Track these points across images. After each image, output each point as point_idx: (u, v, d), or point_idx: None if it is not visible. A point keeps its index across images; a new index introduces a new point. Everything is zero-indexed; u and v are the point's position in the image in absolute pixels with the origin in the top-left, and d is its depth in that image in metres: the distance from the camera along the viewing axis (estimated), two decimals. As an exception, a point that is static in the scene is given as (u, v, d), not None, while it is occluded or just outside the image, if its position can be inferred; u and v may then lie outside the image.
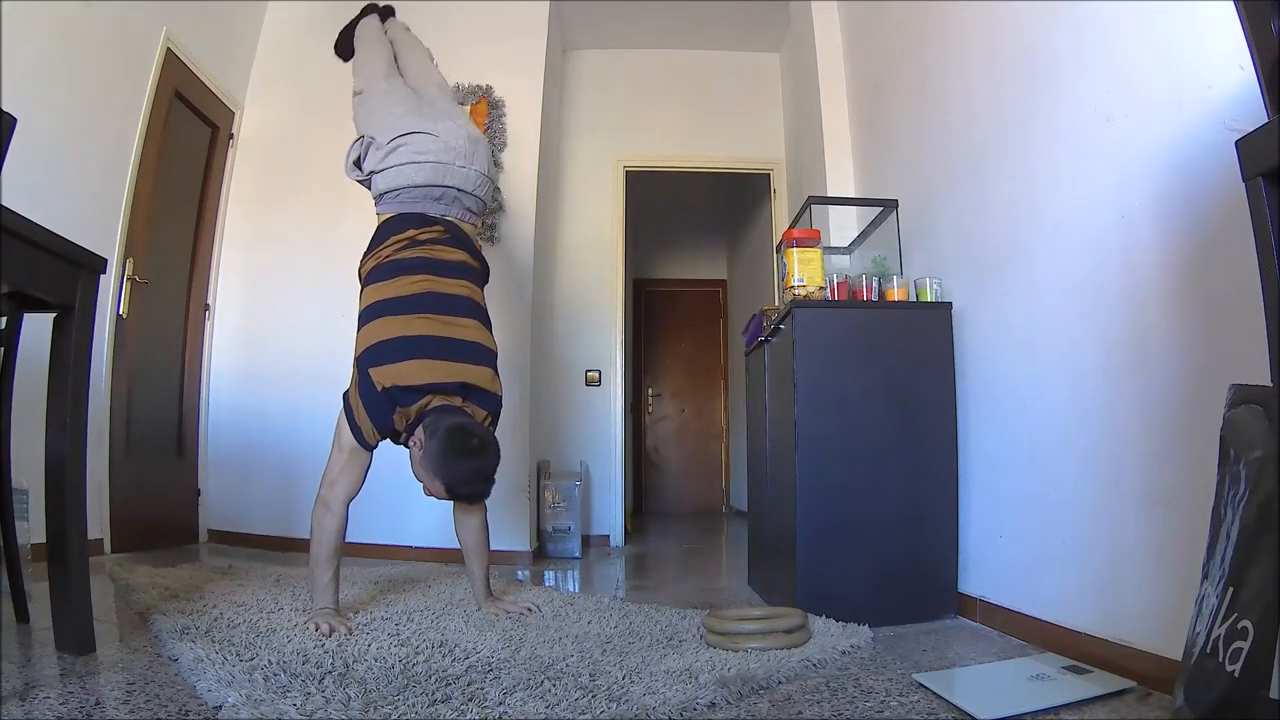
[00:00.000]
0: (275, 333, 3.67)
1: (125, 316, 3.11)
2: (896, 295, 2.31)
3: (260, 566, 2.74)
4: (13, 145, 1.32)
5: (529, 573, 3.13)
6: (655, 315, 7.20)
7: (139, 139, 3.11)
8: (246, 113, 3.87)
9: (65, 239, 1.41)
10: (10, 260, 1.28)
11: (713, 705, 1.29)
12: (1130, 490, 1.50)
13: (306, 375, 3.46)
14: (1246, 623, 0.77)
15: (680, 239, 7.17)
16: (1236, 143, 0.86)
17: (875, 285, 2.37)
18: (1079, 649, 1.58)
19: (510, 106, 3.74)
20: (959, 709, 1.26)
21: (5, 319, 1.59)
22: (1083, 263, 1.67)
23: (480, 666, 1.46)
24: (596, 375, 4.38)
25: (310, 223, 3.69)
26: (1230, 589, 0.82)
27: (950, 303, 2.24)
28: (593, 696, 1.27)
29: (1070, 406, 1.71)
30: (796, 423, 2.11)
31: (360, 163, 2.16)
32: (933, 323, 2.21)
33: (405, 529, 3.29)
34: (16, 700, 1.17)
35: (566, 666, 1.47)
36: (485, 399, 1.96)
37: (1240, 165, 0.85)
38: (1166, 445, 1.41)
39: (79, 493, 1.47)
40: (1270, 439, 0.82)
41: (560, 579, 3.04)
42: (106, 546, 2.93)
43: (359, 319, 1.96)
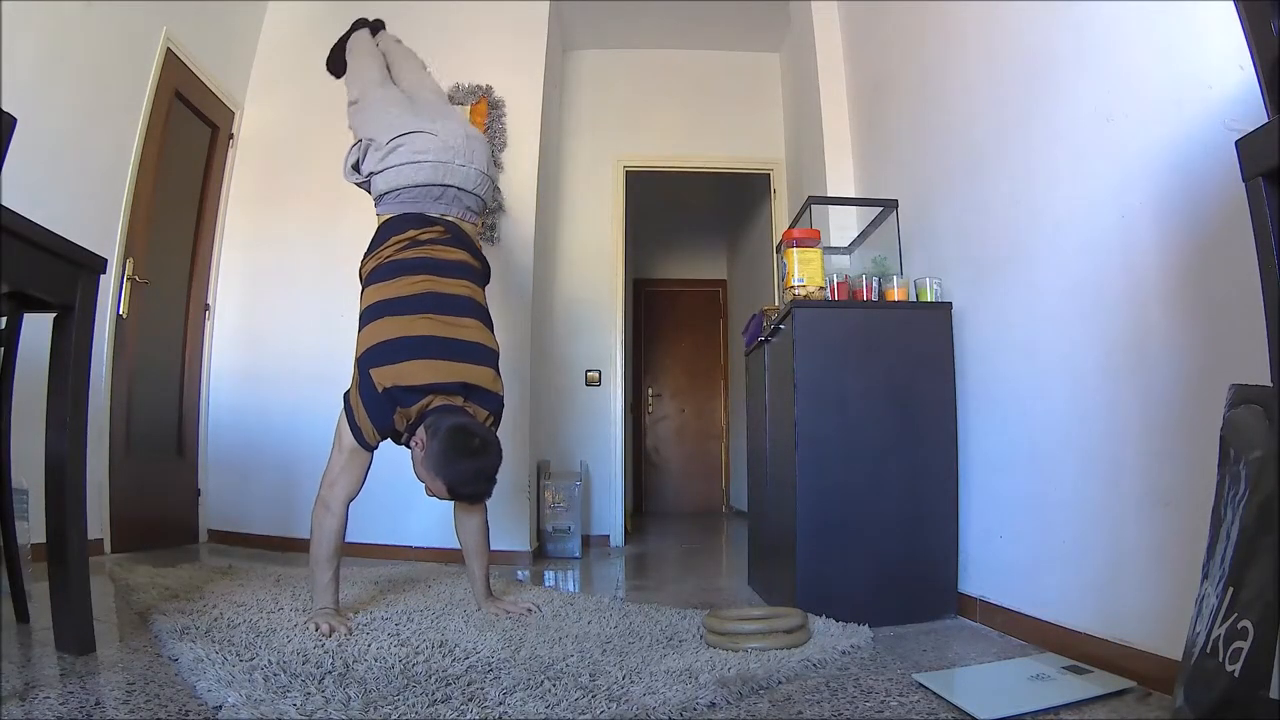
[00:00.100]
0: (275, 333, 3.67)
1: (125, 316, 3.11)
2: (896, 295, 2.31)
3: (260, 566, 2.74)
4: (13, 145, 1.32)
5: (529, 573, 3.13)
6: (655, 315, 7.20)
7: (139, 139, 3.11)
8: (246, 113, 3.87)
9: (65, 239, 1.41)
10: (10, 260, 1.28)
11: (713, 705, 1.29)
12: (1130, 490, 1.50)
13: (306, 375, 3.46)
14: (1246, 623, 0.77)
15: (680, 239, 7.16)
16: (1236, 143, 0.86)
17: (875, 285, 2.37)
18: (1079, 649, 1.58)
19: (510, 106, 3.75)
20: (959, 709, 1.26)
21: (5, 319, 1.59)
22: (1083, 263, 1.67)
23: (480, 666, 1.46)
24: (596, 375, 4.38)
25: (310, 223, 3.69)
26: (1230, 589, 0.82)
27: (950, 303, 2.24)
28: (593, 696, 1.27)
29: (1070, 406, 1.71)
30: (796, 423, 2.11)
31: (359, 165, 2.16)
32: (933, 323, 2.21)
33: (405, 529, 3.29)
34: (16, 700, 1.17)
35: (566, 666, 1.47)
36: (487, 399, 1.96)
37: (1240, 165, 0.85)
38: (1166, 445, 1.41)
39: (79, 493, 1.47)
40: (1270, 439, 0.82)
41: (560, 579, 3.04)
42: (106, 546, 2.93)
43: (360, 319, 1.96)
